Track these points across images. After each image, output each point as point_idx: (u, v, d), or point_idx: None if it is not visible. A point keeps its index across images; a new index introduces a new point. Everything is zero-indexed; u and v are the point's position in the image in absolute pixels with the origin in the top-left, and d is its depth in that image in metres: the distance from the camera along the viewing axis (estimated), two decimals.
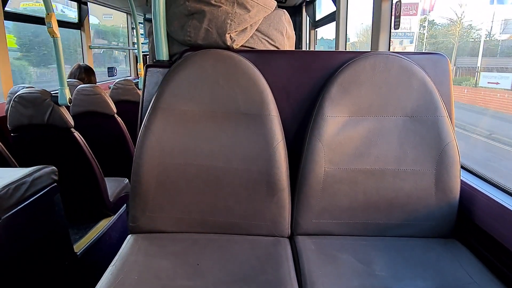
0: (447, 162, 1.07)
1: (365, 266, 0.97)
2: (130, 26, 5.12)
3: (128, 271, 0.90)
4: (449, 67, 1.15)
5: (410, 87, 1.09)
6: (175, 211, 1.09)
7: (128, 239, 1.06)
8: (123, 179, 2.23)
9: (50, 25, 1.67)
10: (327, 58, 1.16)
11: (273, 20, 1.23)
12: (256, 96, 1.08)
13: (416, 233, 1.11)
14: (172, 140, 1.06)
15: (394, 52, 1.14)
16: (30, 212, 1.26)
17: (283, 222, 1.10)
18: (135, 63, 5.16)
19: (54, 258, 1.45)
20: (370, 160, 1.09)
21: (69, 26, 3.75)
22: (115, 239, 2.01)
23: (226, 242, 1.06)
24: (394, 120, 1.09)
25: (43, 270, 1.35)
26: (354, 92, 1.09)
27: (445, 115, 1.08)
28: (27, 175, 1.27)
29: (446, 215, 1.09)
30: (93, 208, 1.95)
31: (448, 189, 1.08)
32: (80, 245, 1.71)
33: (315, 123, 1.09)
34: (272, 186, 1.06)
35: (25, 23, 2.97)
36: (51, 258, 1.43)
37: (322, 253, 1.02)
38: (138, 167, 1.06)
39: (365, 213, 1.10)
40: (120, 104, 2.61)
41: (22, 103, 1.68)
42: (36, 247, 1.31)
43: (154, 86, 1.14)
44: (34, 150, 1.81)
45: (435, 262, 0.99)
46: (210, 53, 1.11)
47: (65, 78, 1.74)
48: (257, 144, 1.06)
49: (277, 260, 0.99)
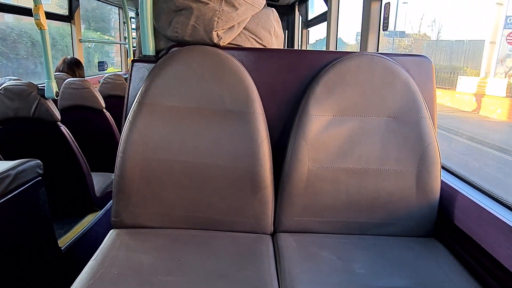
0: (428, 162, 1.09)
1: (345, 264, 0.98)
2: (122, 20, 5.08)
3: (109, 266, 0.90)
4: (432, 69, 1.17)
5: (394, 88, 1.10)
6: (158, 206, 1.09)
7: (110, 234, 1.05)
8: (110, 174, 2.22)
9: (37, 17, 1.65)
10: (314, 58, 1.17)
11: (261, 19, 1.23)
12: (241, 94, 1.09)
13: (397, 232, 1.13)
14: (156, 135, 1.06)
15: (379, 53, 1.15)
16: (13, 205, 1.25)
17: (265, 219, 1.11)
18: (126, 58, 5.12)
19: (38, 252, 1.44)
20: (353, 159, 1.10)
21: (59, 18, 3.70)
22: (101, 234, 2.00)
23: (208, 238, 1.07)
24: (377, 120, 1.11)
25: (26, 264, 1.35)
26: (339, 91, 1.10)
27: (427, 116, 1.10)
28: (11, 168, 1.26)
29: (426, 215, 1.11)
30: (79, 203, 1.93)
31: (428, 189, 1.10)
32: (64, 240, 1.70)
33: (299, 122, 1.10)
34: (256, 183, 1.07)
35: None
36: (35, 252, 1.42)
37: (303, 250, 1.03)
38: (122, 162, 1.06)
39: (347, 212, 1.12)
40: (109, 99, 2.59)
41: (7, 95, 1.67)
42: (19, 240, 1.30)
43: (139, 81, 1.14)
44: (20, 144, 1.79)
45: (414, 261, 1.01)
46: (196, 49, 1.11)
47: (52, 71, 1.72)
48: (241, 141, 1.07)
49: (258, 256, 0.99)
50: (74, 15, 3.76)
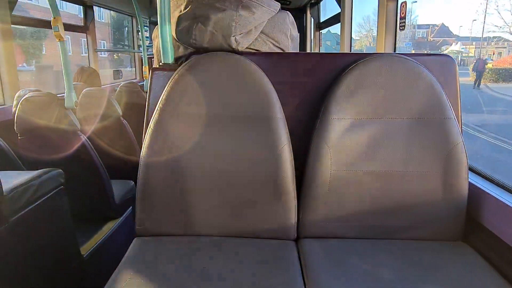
0: (455, 164, 1.06)
1: (372, 269, 0.96)
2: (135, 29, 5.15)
3: (135, 274, 0.90)
4: (456, 68, 1.14)
5: (417, 89, 1.08)
6: (181, 214, 1.09)
7: (134, 242, 1.06)
8: (129, 182, 2.24)
9: (57, 29, 1.68)
10: (332, 60, 1.16)
11: (277, 22, 1.23)
12: (261, 99, 1.08)
13: (424, 236, 1.10)
14: (178, 143, 1.07)
15: (400, 53, 1.13)
16: (37, 214, 1.26)
17: (289, 224, 1.09)
18: (140, 66, 5.18)
19: (61, 260, 1.46)
20: (377, 162, 1.08)
21: (75, 29, 3.78)
22: (121, 241, 2.02)
23: (232, 245, 1.06)
24: (400, 122, 1.08)
25: (50, 272, 1.36)
26: (360, 94, 1.08)
27: (452, 117, 1.07)
28: (35, 178, 1.28)
29: (454, 217, 1.08)
30: (99, 211, 1.95)
31: (456, 191, 1.07)
32: (86, 248, 1.71)
33: (321, 126, 1.08)
34: (278, 188, 1.06)
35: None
36: (58, 260, 1.43)
37: (329, 256, 1.01)
38: (145, 170, 1.06)
39: (372, 216, 1.10)
40: (126, 107, 2.62)
41: (29, 106, 1.70)
42: (43, 249, 1.32)
43: (160, 89, 1.14)
44: (41, 153, 1.82)
45: (444, 266, 0.98)
46: (215, 56, 1.11)
47: (71, 82, 1.75)
48: (263, 147, 1.06)
49: (284, 263, 0.98)
50: (89, 25, 3.83)
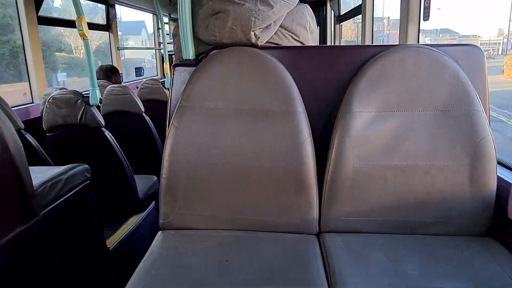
0: (482, 157, 1.03)
1: (396, 265, 0.94)
2: (156, 26, 5.22)
3: (159, 267, 0.92)
4: (483, 59, 1.10)
5: (442, 80, 1.05)
6: (204, 208, 1.10)
7: (158, 236, 1.08)
8: (151, 177, 2.28)
9: (81, 28, 1.72)
10: (354, 53, 1.14)
11: (296, 15, 1.22)
12: (282, 93, 1.08)
13: (449, 231, 1.07)
14: (200, 138, 1.08)
15: (424, 44, 1.10)
16: (65, 208, 1.31)
17: (311, 219, 1.09)
18: (161, 63, 5.25)
19: (89, 253, 1.51)
20: (400, 156, 1.06)
21: (98, 28, 3.87)
22: (145, 235, 2.06)
23: (254, 239, 1.06)
24: (425, 115, 1.06)
25: (78, 265, 1.41)
26: (383, 86, 1.06)
27: (479, 109, 1.04)
28: (62, 173, 1.32)
29: (481, 212, 1.05)
30: (124, 205, 2.00)
31: (483, 185, 1.03)
32: (112, 241, 1.76)
33: (342, 119, 1.07)
34: (300, 183, 1.06)
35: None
36: (85, 253, 1.48)
37: (351, 251, 1.00)
38: (168, 165, 1.08)
39: (395, 211, 1.08)
40: (148, 103, 2.67)
41: (56, 104, 1.75)
42: (70, 242, 1.36)
43: (181, 85, 1.16)
44: (67, 149, 1.89)
45: (471, 262, 0.95)
46: (236, 51, 1.11)
47: (95, 79, 1.80)
48: (284, 141, 1.06)
49: (305, 257, 0.98)
50: (111, 24, 3.91)
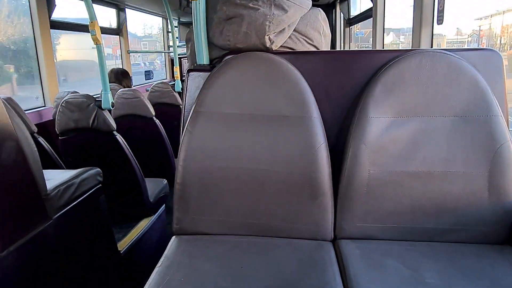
0: (502, 164, 1.01)
1: (413, 273, 0.93)
2: (166, 29, 5.25)
3: (174, 273, 0.92)
4: (502, 63, 1.08)
5: (460, 85, 1.03)
6: (217, 213, 1.09)
7: (172, 241, 1.08)
8: (162, 180, 2.29)
9: (94, 33, 1.74)
10: (369, 57, 1.13)
11: (309, 19, 1.21)
12: (297, 98, 1.07)
13: (467, 239, 1.05)
14: (214, 143, 1.07)
15: (441, 49, 1.09)
16: (77, 212, 1.32)
17: (325, 225, 1.08)
18: (170, 66, 5.28)
19: (100, 256, 1.51)
20: (417, 162, 1.04)
21: (109, 32, 3.90)
22: (155, 238, 2.06)
23: (268, 245, 1.05)
24: (442, 120, 1.04)
25: (90, 268, 1.41)
26: (399, 92, 1.05)
27: (499, 114, 1.02)
28: (75, 176, 1.33)
29: (500, 220, 1.03)
30: (134, 208, 2.01)
31: (503, 192, 1.01)
32: (123, 244, 1.77)
33: (358, 124, 1.06)
34: (315, 189, 1.05)
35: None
36: (97, 256, 1.48)
37: (367, 258, 0.99)
38: (182, 170, 1.07)
39: (412, 217, 1.06)
40: (158, 107, 2.68)
41: (68, 107, 1.77)
42: (83, 245, 1.37)
43: (195, 90, 1.16)
44: (79, 152, 1.90)
45: (490, 270, 0.93)
46: (250, 56, 1.11)
47: (108, 83, 1.81)
48: (298, 147, 1.05)
49: (321, 264, 0.97)
50: (122, 28, 3.94)
